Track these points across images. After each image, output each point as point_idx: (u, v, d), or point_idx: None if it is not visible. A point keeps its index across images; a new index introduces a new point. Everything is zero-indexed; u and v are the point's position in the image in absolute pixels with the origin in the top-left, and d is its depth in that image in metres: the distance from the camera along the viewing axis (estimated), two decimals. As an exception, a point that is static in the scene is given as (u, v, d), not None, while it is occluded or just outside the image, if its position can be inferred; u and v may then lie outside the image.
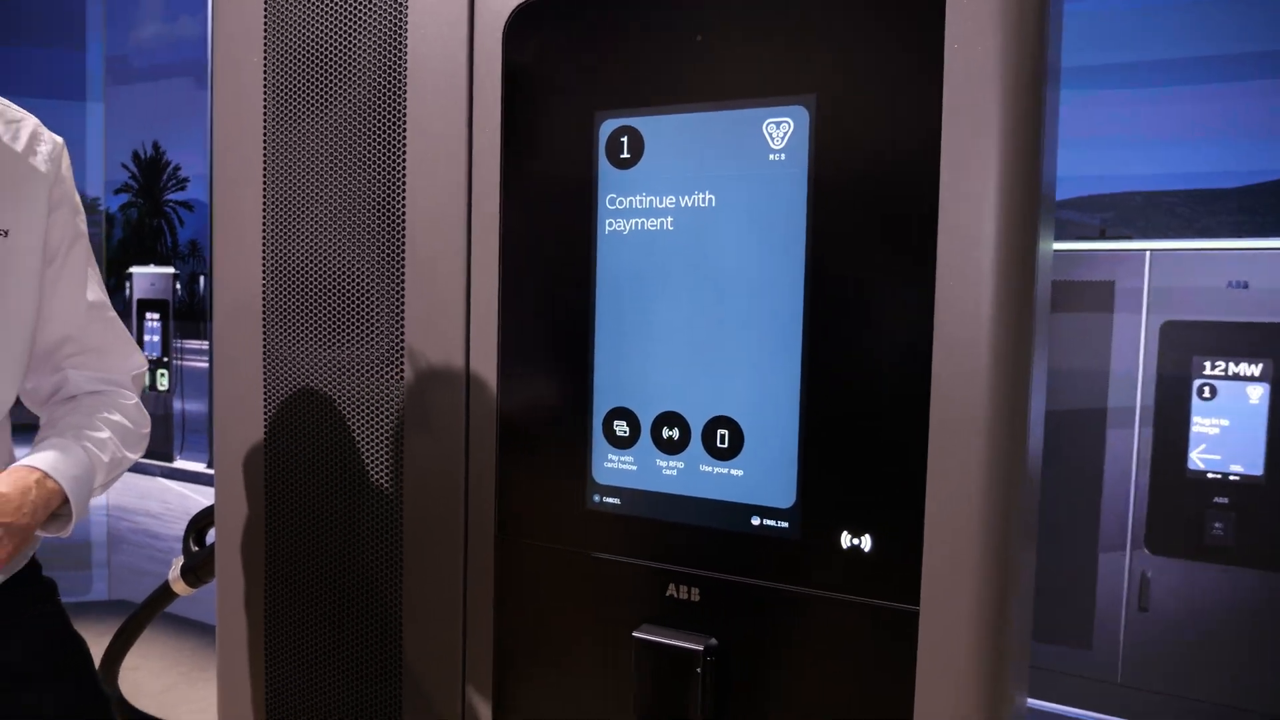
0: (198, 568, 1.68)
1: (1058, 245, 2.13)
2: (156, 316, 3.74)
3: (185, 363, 3.77)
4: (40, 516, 1.03)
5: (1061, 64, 1.24)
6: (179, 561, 1.72)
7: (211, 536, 1.75)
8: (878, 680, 0.94)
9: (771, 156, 0.96)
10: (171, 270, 3.77)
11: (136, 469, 4.10)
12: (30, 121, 1.16)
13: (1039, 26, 0.88)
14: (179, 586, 1.71)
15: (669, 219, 1.02)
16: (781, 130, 0.95)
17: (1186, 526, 1.96)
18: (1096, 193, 2.13)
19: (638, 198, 1.03)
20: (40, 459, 1.06)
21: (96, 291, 1.22)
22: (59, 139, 1.18)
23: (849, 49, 0.92)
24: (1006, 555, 0.91)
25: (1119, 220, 2.09)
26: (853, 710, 0.95)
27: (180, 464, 3.94)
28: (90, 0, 4.04)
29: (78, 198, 1.22)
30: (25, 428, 1.25)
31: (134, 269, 3.82)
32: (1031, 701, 2.13)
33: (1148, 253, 2.04)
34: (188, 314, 3.68)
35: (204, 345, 3.65)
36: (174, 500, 3.95)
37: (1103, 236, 2.12)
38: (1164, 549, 1.99)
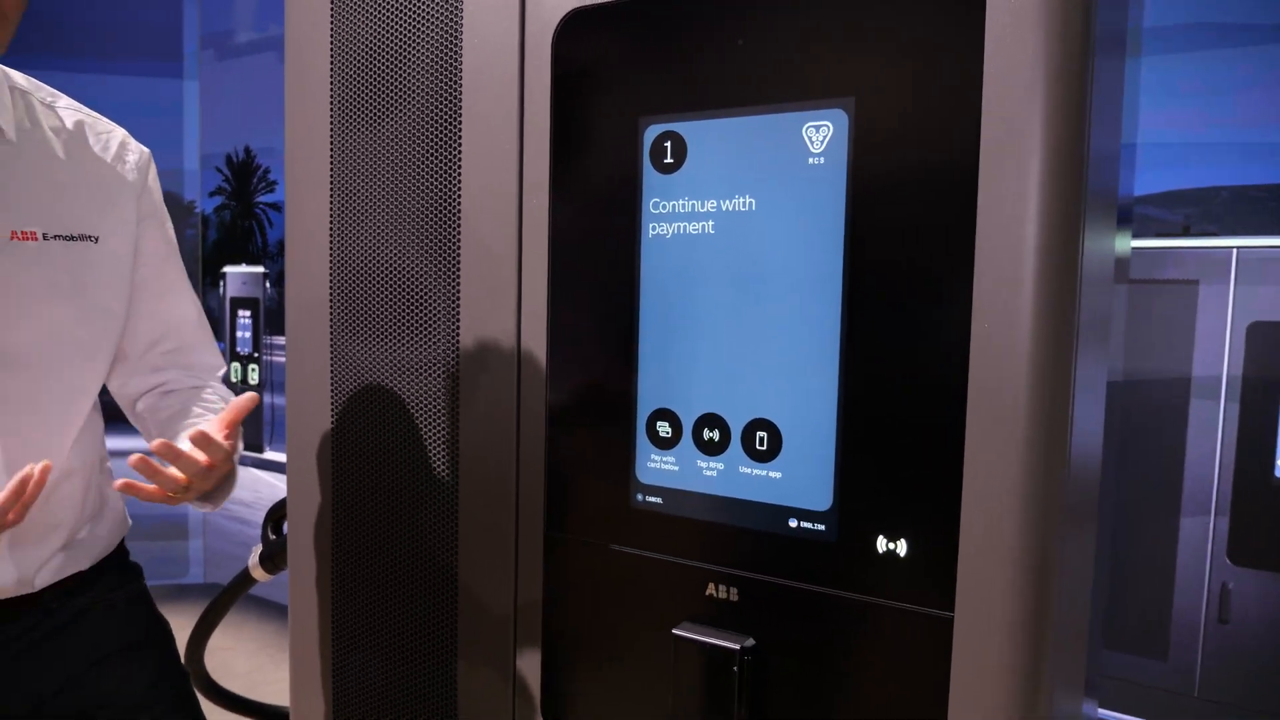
0: (275, 555, 1.76)
1: (1137, 243, 2.06)
2: (248, 314, 3.91)
3: (274, 358, 3.94)
4: (226, 470, 1.07)
5: (1140, 39, 1.20)
6: (258, 549, 1.80)
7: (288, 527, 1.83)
8: (912, 684, 0.94)
9: (811, 160, 0.96)
10: (261, 270, 3.93)
11: (229, 459, 4.29)
12: (119, 133, 1.23)
13: (1084, 22, 0.87)
14: (257, 573, 1.79)
15: (710, 223, 1.03)
16: (821, 134, 0.96)
17: (1271, 536, 1.88)
18: (1179, 187, 2.05)
19: (680, 202, 1.04)
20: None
21: (188, 296, 1.30)
22: (146, 149, 1.25)
23: (887, 51, 0.92)
24: (1045, 562, 0.90)
25: (1203, 216, 2.01)
26: (887, 713, 0.95)
27: (270, 455, 4.11)
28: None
29: (164, 207, 1.30)
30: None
31: (227, 269, 4.00)
32: (1104, 712, 2.08)
33: (1234, 250, 1.96)
34: (277, 311, 3.84)
35: (283, 340, 3.80)
36: (264, 489, 4.12)
37: (1186, 234, 2.04)
38: (1247, 559, 1.91)
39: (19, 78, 1.14)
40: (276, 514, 1.82)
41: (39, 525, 1.06)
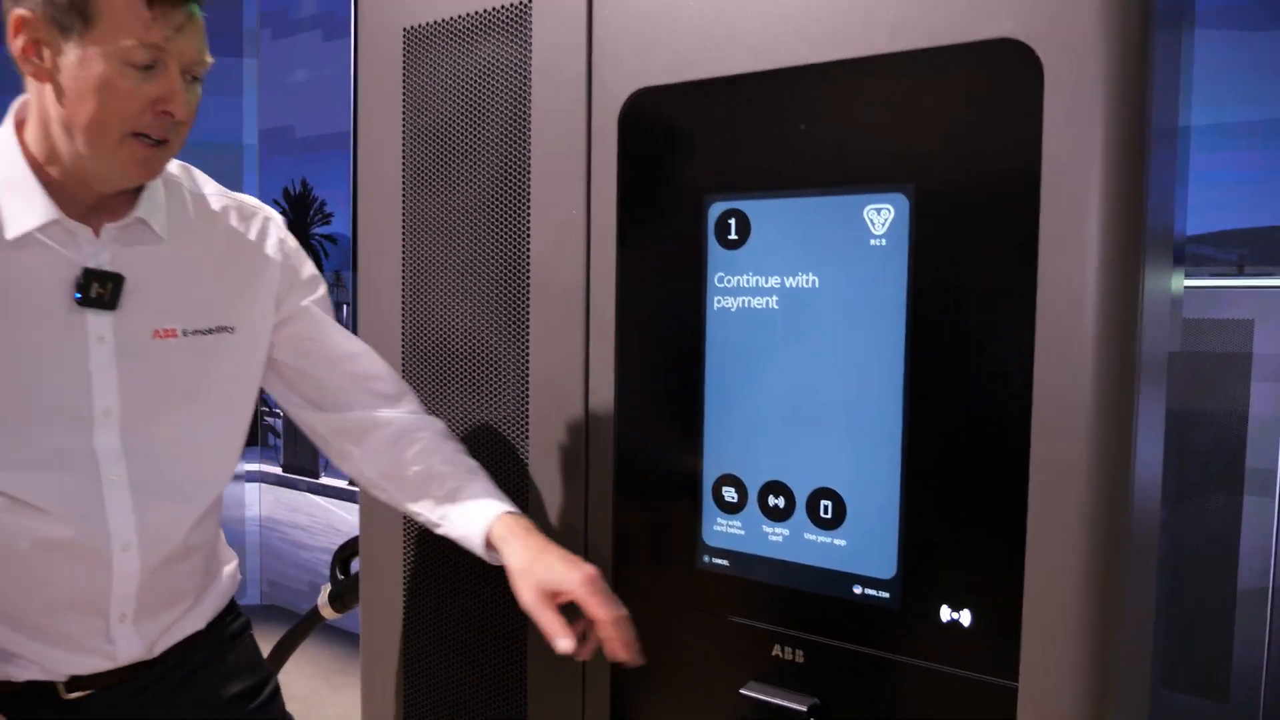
0: (343, 595, 1.83)
1: (1191, 282, 2.06)
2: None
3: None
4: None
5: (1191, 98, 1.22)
6: (326, 588, 1.87)
7: (355, 566, 1.90)
8: (978, 751, 0.96)
9: (873, 241, 1.00)
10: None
11: (285, 484, 4.40)
12: (261, 214, 1.22)
13: (1140, 111, 0.89)
14: (326, 611, 1.86)
15: (774, 298, 1.07)
16: (882, 216, 0.99)
17: (1333, 577, 1.87)
18: (1233, 227, 2.05)
19: (744, 277, 1.08)
20: (507, 503, 1.16)
21: (349, 334, 1.30)
22: (279, 217, 1.25)
23: (947, 140, 0.95)
24: (1109, 633, 0.92)
25: (1257, 256, 2.01)
26: (953, 779, 0.98)
27: (324, 480, 4.20)
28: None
29: (303, 260, 1.27)
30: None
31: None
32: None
33: (1290, 289, 1.95)
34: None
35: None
36: (319, 514, 4.22)
37: (1240, 273, 2.04)
38: (1307, 601, 1.90)
39: (172, 166, 1.15)
40: (344, 553, 1.89)
41: (161, 600, 1.11)
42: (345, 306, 3.83)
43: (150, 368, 1.07)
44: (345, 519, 4.13)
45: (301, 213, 4.06)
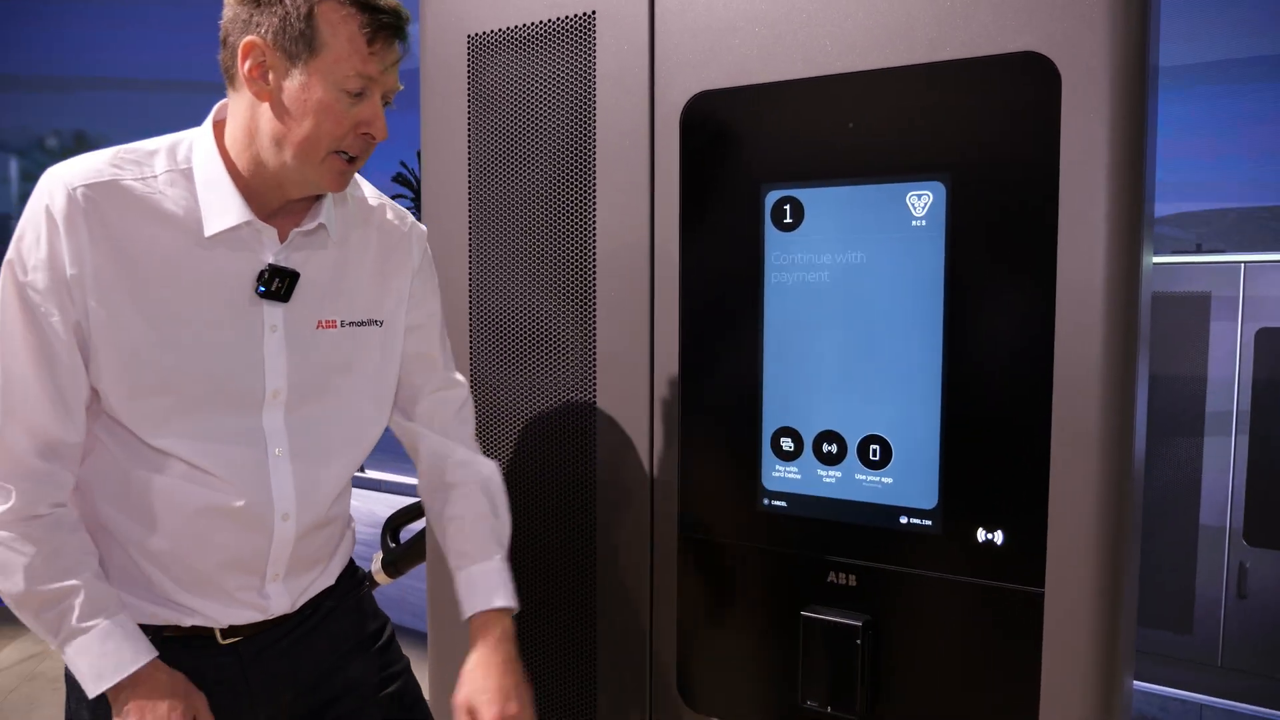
0: (398, 560, 1.97)
1: (1156, 259, 2.28)
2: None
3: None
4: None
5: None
6: (379, 555, 2.00)
7: (405, 535, 2.04)
8: (1009, 652, 1.15)
9: (914, 223, 1.17)
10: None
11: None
12: (409, 218, 1.34)
13: (1141, 108, 1.08)
14: (380, 577, 1.99)
15: (826, 273, 1.24)
16: (922, 201, 1.17)
17: (1283, 520, 2.10)
18: (1193, 209, 2.27)
19: (799, 255, 1.25)
20: (503, 596, 1.27)
21: (447, 349, 1.40)
22: (422, 226, 1.37)
23: (978, 136, 1.13)
24: (1121, 545, 1.11)
25: (1214, 235, 2.22)
26: (987, 678, 1.16)
27: (371, 474, 4.29)
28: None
29: (434, 276, 1.37)
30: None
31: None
32: (1136, 683, 2.30)
33: (1242, 265, 2.18)
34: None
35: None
36: (359, 504, 4.33)
37: (1198, 251, 2.26)
38: (1261, 541, 2.13)
39: None
40: (395, 522, 2.03)
41: (306, 563, 1.24)
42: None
43: (313, 354, 1.19)
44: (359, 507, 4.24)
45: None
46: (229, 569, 1.17)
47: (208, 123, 1.14)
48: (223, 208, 1.10)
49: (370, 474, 4.24)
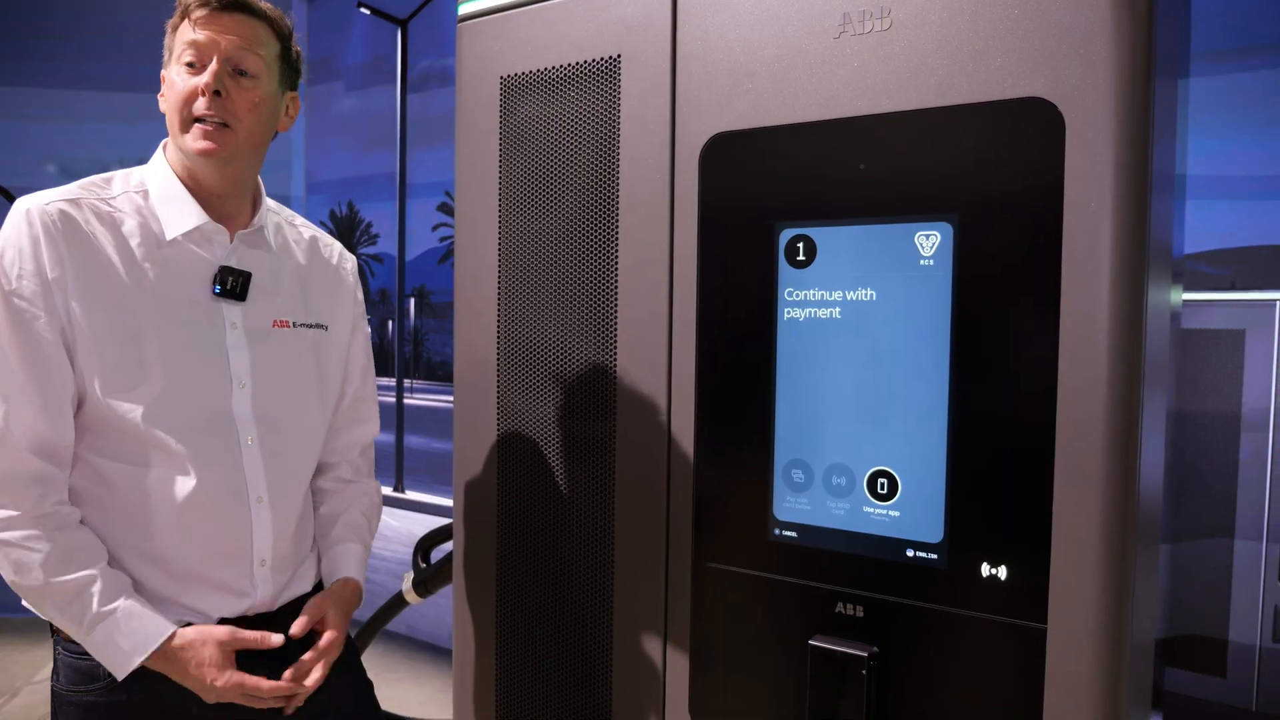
0: (428, 581, 2.02)
1: (1190, 295, 2.27)
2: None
3: (383, 398, 4.26)
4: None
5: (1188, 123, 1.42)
6: (409, 575, 2.06)
7: (436, 554, 2.09)
8: (1012, 686, 1.16)
9: (922, 262, 1.20)
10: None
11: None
12: (338, 245, 1.57)
13: (1143, 159, 1.10)
14: (411, 597, 2.05)
15: (837, 309, 1.27)
16: (930, 240, 1.20)
17: (1318, 563, 2.06)
18: (1226, 247, 2.25)
19: (811, 292, 1.29)
20: (357, 568, 1.48)
21: (371, 375, 1.60)
22: (354, 258, 1.59)
23: (985, 178, 1.16)
24: (1123, 584, 1.12)
25: (1249, 272, 2.21)
26: (991, 712, 1.17)
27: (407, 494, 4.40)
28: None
29: (360, 294, 1.61)
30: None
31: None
32: (1168, 725, 2.25)
33: (1277, 302, 2.16)
34: (376, 355, 4.15)
35: (389, 381, 4.09)
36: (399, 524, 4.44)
37: (1233, 288, 2.24)
38: (1297, 584, 2.09)
39: (269, 201, 1.45)
40: (426, 543, 2.09)
41: (288, 553, 1.37)
42: (390, 322, 4.04)
43: (272, 350, 1.35)
44: (391, 524, 4.34)
45: (348, 234, 4.28)
46: (217, 560, 1.29)
47: (160, 147, 1.34)
48: (181, 213, 1.28)
49: (409, 495, 4.34)
